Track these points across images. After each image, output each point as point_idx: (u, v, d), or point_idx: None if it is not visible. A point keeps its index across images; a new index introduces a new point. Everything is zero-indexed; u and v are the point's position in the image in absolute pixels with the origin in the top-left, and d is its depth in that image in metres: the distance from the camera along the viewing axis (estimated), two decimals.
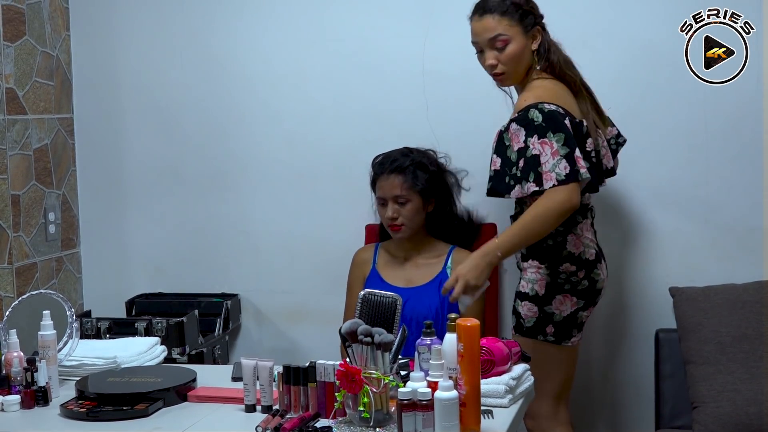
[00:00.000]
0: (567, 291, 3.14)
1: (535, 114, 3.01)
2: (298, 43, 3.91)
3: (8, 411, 2.69)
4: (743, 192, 3.62)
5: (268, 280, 4.03)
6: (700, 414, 3.33)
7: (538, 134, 2.99)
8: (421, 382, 2.34)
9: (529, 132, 3.00)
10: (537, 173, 2.97)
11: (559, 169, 2.96)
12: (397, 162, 3.41)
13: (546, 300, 3.14)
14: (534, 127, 3.00)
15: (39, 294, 3.03)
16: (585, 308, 3.18)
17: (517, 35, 3.09)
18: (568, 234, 3.13)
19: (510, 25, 3.09)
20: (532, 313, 3.15)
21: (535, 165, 2.98)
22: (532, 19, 3.11)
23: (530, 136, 3.00)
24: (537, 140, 2.98)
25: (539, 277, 3.14)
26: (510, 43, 3.09)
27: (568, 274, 3.13)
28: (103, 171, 4.15)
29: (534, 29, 3.11)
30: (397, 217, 3.38)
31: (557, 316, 3.14)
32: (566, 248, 3.13)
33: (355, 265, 3.57)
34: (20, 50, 3.75)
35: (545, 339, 3.16)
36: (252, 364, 2.62)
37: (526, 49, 3.11)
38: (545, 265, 3.13)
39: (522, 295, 3.18)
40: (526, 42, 3.11)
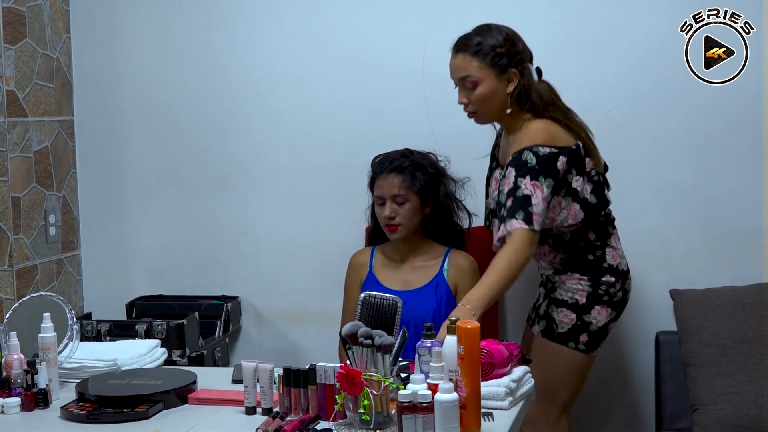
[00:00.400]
0: (605, 302, 3.16)
1: (529, 156, 2.98)
2: (299, 45, 3.91)
3: (8, 413, 2.69)
4: (743, 194, 3.62)
5: (269, 282, 4.03)
6: (700, 416, 3.33)
7: (531, 176, 2.96)
8: (422, 385, 2.34)
9: (520, 173, 2.98)
10: (528, 212, 2.93)
11: (544, 216, 2.97)
12: (396, 162, 3.41)
13: (586, 309, 3.15)
14: (527, 169, 2.97)
15: (39, 296, 3.03)
16: (615, 319, 3.21)
17: (487, 78, 3.03)
18: (605, 247, 3.16)
19: (480, 67, 3.04)
20: (568, 320, 3.16)
21: (525, 204, 2.94)
22: (507, 62, 3.03)
23: (522, 177, 2.97)
24: (529, 181, 2.96)
25: (581, 288, 3.15)
26: (479, 84, 3.05)
27: (608, 286, 3.15)
28: (104, 173, 4.15)
29: (509, 72, 3.04)
30: (395, 216, 3.38)
31: (593, 325, 3.16)
32: (606, 261, 3.16)
33: (352, 269, 3.57)
34: (21, 52, 3.75)
35: (576, 347, 3.16)
36: (252, 367, 2.62)
37: (497, 91, 3.05)
38: (587, 277, 3.14)
39: (559, 302, 3.17)
40: (497, 85, 3.04)
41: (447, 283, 3.41)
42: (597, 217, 3.14)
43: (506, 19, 3.71)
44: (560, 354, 3.17)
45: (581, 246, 3.16)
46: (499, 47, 3.03)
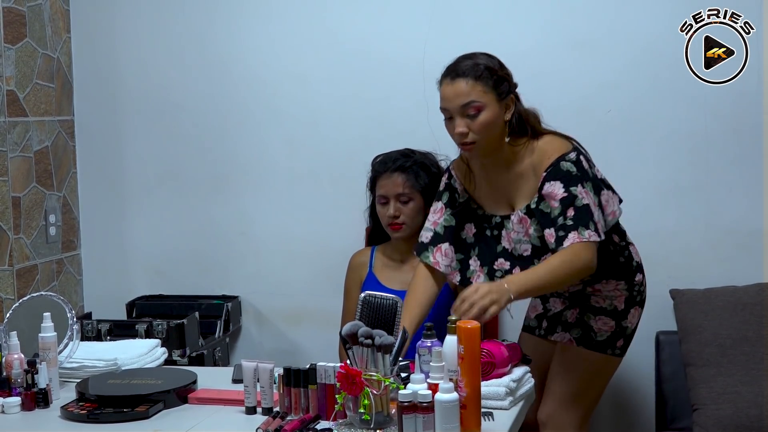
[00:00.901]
0: (638, 303, 3.14)
1: (568, 165, 2.83)
2: (299, 45, 3.92)
3: (9, 413, 2.69)
4: (743, 194, 3.62)
5: (269, 282, 4.03)
6: (700, 416, 3.33)
7: (581, 184, 2.81)
8: (422, 384, 2.34)
9: (570, 182, 2.80)
10: (594, 222, 2.78)
11: (601, 221, 2.85)
12: (400, 161, 3.41)
13: (624, 314, 3.11)
14: (573, 177, 2.81)
15: (39, 296, 3.03)
16: (640, 316, 3.18)
17: (491, 102, 2.84)
18: (629, 245, 3.13)
19: (484, 92, 2.83)
20: (608, 328, 3.10)
21: (589, 215, 2.78)
22: (507, 87, 2.88)
23: (573, 186, 2.80)
24: (582, 189, 2.80)
25: (618, 293, 3.10)
26: (483, 110, 2.83)
27: (639, 285, 3.12)
28: (104, 173, 4.15)
29: (508, 98, 2.88)
30: (399, 215, 3.38)
31: (629, 329, 3.13)
32: (634, 259, 3.12)
33: (352, 269, 3.57)
34: (21, 52, 3.75)
35: (613, 353, 3.13)
36: (252, 366, 2.62)
37: (498, 118, 2.86)
38: (624, 281, 3.09)
39: (597, 309, 3.10)
40: (499, 111, 2.86)
41: (447, 283, 3.41)
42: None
43: (506, 19, 3.74)
44: (597, 361, 3.11)
45: (611, 251, 3.03)
46: (499, 70, 2.88)
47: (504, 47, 3.69)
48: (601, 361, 3.12)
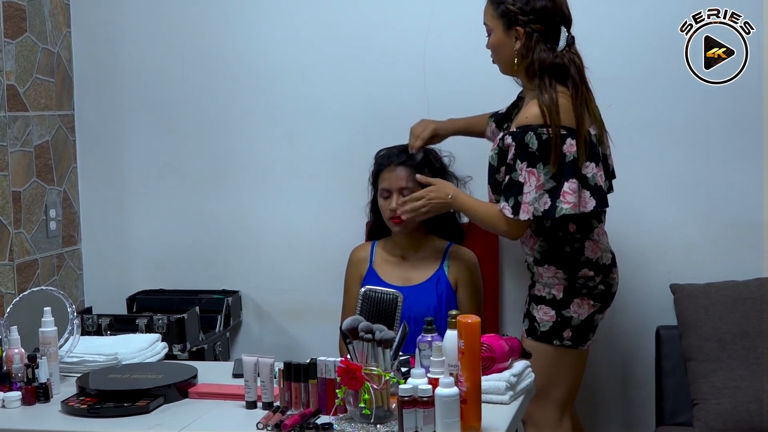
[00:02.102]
0: (584, 294, 3.10)
1: (532, 140, 2.98)
2: (299, 39, 3.91)
3: (9, 407, 2.69)
4: (744, 189, 3.62)
5: (269, 276, 4.04)
6: (700, 411, 3.33)
7: (529, 162, 2.98)
8: (422, 379, 2.34)
9: (520, 156, 3.00)
10: (517, 201, 3.00)
11: (538, 204, 2.98)
12: (404, 155, 3.41)
13: (564, 304, 3.10)
14: (527, 154, 2.99)
15: (40, 291, 3.03)
16: (601, 311, 3.15)
17: (496, 28, 3.08)
18: (585, 240, 3.09)
19: (493, 17, 3.09)
20: (548, 317, 3.11)
21: (517, 192, 3.01)
22: (514, 18, 3.03)
23: (521, 161, 3.00)
24: (526, 167, 2.99)
25: (556, 282, 3.11)
26: (491, 33, 3.11)
27: (586, 279, 3.09)
28: (104, 167, 4.15)
29: (515, 29, 3.04)
30: None
31: (575, 320, 3.10)
32: (584, 254, 3.09)
33: (352, 264, 3.57)
34: (21, 47, 3.75)
35: (561, 344, 3.11)
36: (253, 361, 2.62)
37: (505, 44, 3.08)
38: (563, 270, 3.10)
39: (538, 298, 3.14)
40: (505, 38, 3.07)
41: (447, 278, 3.41)
42: (606, 207, 3.09)
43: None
44: (547, 353, 3.09)
45: (559, 236, 3.08)
46: (511, 2, 3.04)
47: None
48: (551, 352, 3.10)
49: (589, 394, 3.78)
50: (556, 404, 3.16)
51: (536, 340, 3.12)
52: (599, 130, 3.11)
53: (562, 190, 2.97)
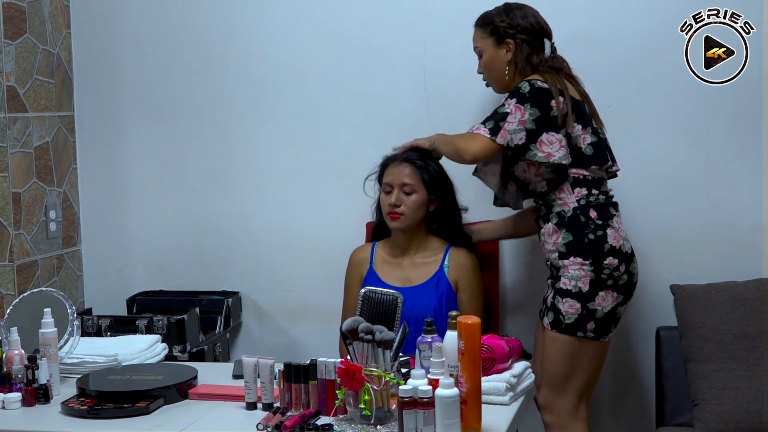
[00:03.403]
0: (609, 287, 3.18)
1: (525, 85, 3.19)
2: (299, 41, 3.91)
3: (9, 409, 2.69)
4: (744, 190, 3.62)
5: (269, 277, 4.03)
6: (701, 411, 3.33)
7: (518, 99, 3.16)
8: (422, 380, 2.35)
9: (511, 95, 3.20)
10: (498, 126, 3.15)
11: (515, 136, 3.15)
12: (411, 154, 3.42)
13: (589, 296, 3.17)
14: (518, 93, 3.18)
15: (40, 292, 3.04)
16: (623, 303, 3.24)
17: (487, 47, 3.33)
18: (607, 228, 3.20)
19: (482, 38, 3.34)
20: (574, 310, 3.18)
21: (500, 119, 3.16)
22: (503, 32, 3.29)
23: (510, 98, 3.19)
24: (514, 103, 3.16)
25: (583, 274, 3.17)
26: (483, 53, 3.35)
27: (611, 269, 3.17)
28: (104, 169, 4.15)
29: (505, 42, 3.29)
30: (400, 205, 3.38)
31: (599, 312, 3.18)
32: (608, 242, 3.18)
33: (352, 265, 3.56)
34: (21, 48, 3.75)
35: (585, 335, 3.19)
36: (253, 362, 2.62)
37: (497, 59, 3.32)
38: (589, 261, 3.17)
39: (563, 292, 3.19)
40: (496, 53, 3.31)
41: (448, 279, 3.41)
42: (585, 168, 3.21)
43: None
44: (571, 344, 3.19)
45: (582, 222, 3.19)
46: (498, 20, 3.29)
47: None
48: (574, 344, 3.19)
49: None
50: (575, 393, 3.25)
51: (561, 332, 3.20)
52: (592, 109, 3.32)
53: (540, 139, 3.15)
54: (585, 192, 3.22)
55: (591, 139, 3.22)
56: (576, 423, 3.27)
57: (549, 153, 3.14)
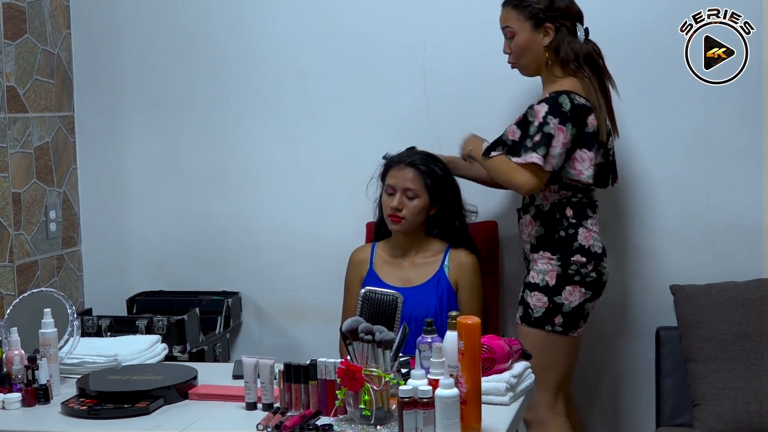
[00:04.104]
0: (576, 282, 3.22)
1: (565, 101, 3.15)
2: (299, 41, 3.91)
3: (9, 409, 2.69)
4: (744, 190, 3.62)
5: (269, 278, 4.03)
6: (700, 411, 3.33)
7: (561, 119, 3.12)
8: (422, 380, 2.35)
9: (552, 112, 3.13)
10: (547, 152, 3.11)
11: (560, 159, 3.14)
12: (415, 157, 3.42)
13: (556, 290, 3.22)
14: (559, 111, 3.13)
15: (40, 292, 3.04)
16: (591, 300, 3.27)
17: (523, 29, 3.24)
18: (579, 227, 3.24)
19: (518, 20, 3.24)
20: (541, 304, 3.23)
21: (547, 142, 3.12)
22: (544, 17, 3.22)
23: (553, 116, 3.13)
24: (557, 123, 3.12)
25: (550, 268, 3.23)
26: (516, 35, 3.25)
27: (579, 266, 3.21)
28: (104, 169, 4.15)
29: (545, 26, 3.22)
30: (402, 209, 3.38)
31: (566, 306, 3.22)
32: (577, 240, 3.23)
33: (352, 265, 3.56)
34: (21, 48, 3.75)
35: (553, 329, 3.24)
36: (253, 362, 2.62)
37: (533, 43, 3.24)
38: (557, 257, 3.22)
39: (531, 285, 3.26)
40: (533, 36, 3.24)
41: (448, 279, 3.41)
42: (591, 188, 3.25)
43: None
44: (539, 338, 3.23)
45: (556, 219, 3.25)
46: (537, 2, 3.22)
47: None
48: (543, 338, 3.23)
49: (589, 394, 3.78)
50: (551, 388, 3.27)
51: (529, 326, 3.25)
52: (611, 117, 3.32)
53: (573, 155, 3.16)
54: (569, 194, 3.26)
55: (599, 160, 3.25)
56: (555, 417, 3.30)
57: (580, 170, 3.18)
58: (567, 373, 3.36)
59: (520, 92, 3.49)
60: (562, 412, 3.33)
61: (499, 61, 3.39)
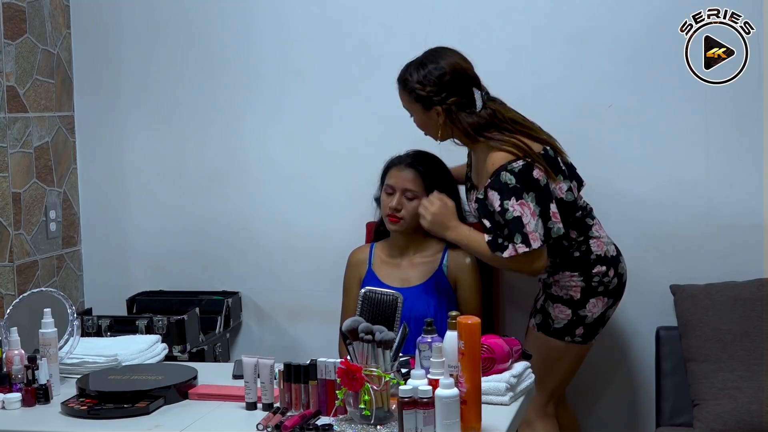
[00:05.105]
0: (600, 293, 3.23)
1: (507, 177, 3.07)
2: (299, 41, 3.91)
3: (9, 409, 2.69)
4: (744, 190, 3.62)
5: (269, 277, 4.03)
6: (700, 411, 3.33)
7: (515, 196, 3.06)
8: (422, 380, 2.34)
9: (504, 195, 3.07)
10: (523, 234, 3.05)
11: (539, 229, 3.06)
12: (415, 158, 3.41)
13: (581, 304, 3.22)
14: (509, 190, 3.06)
15: (40, 292, 3.03)
16: (613, 305, 3.29)
17: (415, 111, 3.21)
18: (588, 240, 3.23)
19: (409, 101, 3.21)
20: (564, 316, 3.23)
21: (519, 226, 3.05)
22: (429, 100, 3.15)
23: (507, 199, 3.07)
24: (515, 202, 3.06)
25: (574, 284, 3.23)
26: (413, 114, 3.24)
27: (601, 276, 3.22)
28: (104, 169, 4.15)
29: (432, 109, 3.16)
30: (401, 209, 3.38)
31: (589, 318, 3.23)
32: (593, 252, 3.22)
33: (351, 266, 3.56)
34: (21, 48, 3.75)
35: (572, 340, 3.25)
36: (253, 362, 2.62)
37: (429, 121, 3.19)
38: (578, 272, 3.21)
39: (555, 297, 3.25)
40: (427, 116, 3.19)
41: (447, 279, 3.41)
42: (575, 214, 3.21)
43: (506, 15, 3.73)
44: (556, 347, 3.24)
45: (565, 246, 3.22)
46: (420, 87, 3.15)
47: (504, 43, 3.72)
48: (560, 347, 3.25)
49: (589, 394, 3.78)
50: (546, 392, 3.28)
51: (548, 335, 3.25)
52: (550, 141, 3.22)
53: (551, 212, 3.10)
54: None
55: (564, 184, 3.18)
56: (544, 419, 3.31)
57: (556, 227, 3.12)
58: (570, 378, 3.38)
59: (521, 93, 3.49)
60: (552, 414, 3.34)
61: (499, 62, 3.39)
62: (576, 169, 3.32)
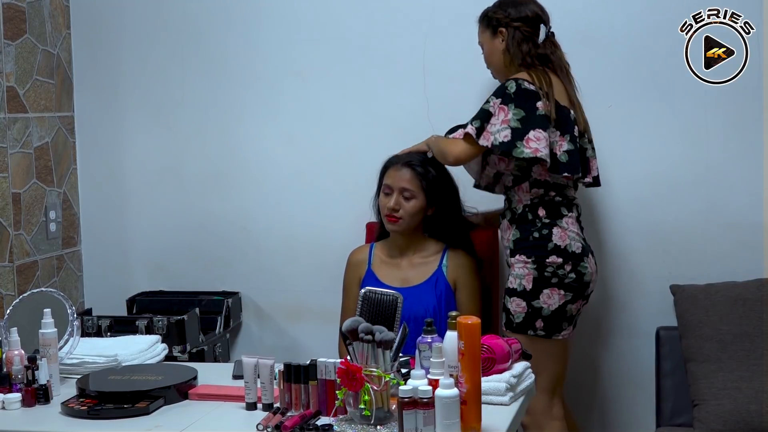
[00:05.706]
0: (554, 285, 3.21)
1: (511, 84, 3.20)
2: (298, 41, 3.91)
3: (9, 409, 2.69)
4: (744, 189, 3.62)
5: (269, 278, 4.03)
6: (700, 412, 3.33)
7: (503, 99, 3.19)
8: (422, 380, 2.34)
9: (496, 93, 3.22)
10: (481, 126, 3.18)
11: (499, 135, 3.16)
12: (413, 158, 3.42)
13: (533, 294, 3.21)
14: (503, 93, 3.20)
15: (40, 292, 3.03)
16: (573, 301, 3.24)
17: (486, 41, 3.37)
18: (553, 227, 3.23)
19: (483, 32, 3.39)
20: (520, 309, 3.23)
21: (484, 118, 3.19)
22: (497, 23, 3.32)
23: (495, 97, 3.21)
24: (498, 103, 3.19)
25: (526, 272, 3.22)
26: (483, 47, 3.40)
27: (555, 267, 3.20)
28: (104, 169, 4.15)
29: (498, 32, 3.33)
30: (399, 209, 3.38)
31: (545, 310, 3.21)
32: (552, 240, 3.21)
33: (351, 266, 3.56)
34: (21, 48, 3.75)
35: (535, 333, 3.23)
36: (253, 362, 2.62)
37: (494, 49, 3.35)
38: (532, 259, 3.21)
39: (510, 291, 3.26)
40: (493, 43, 3.35)
41: (446, 279, 3.41)
42: (552, 173, 3.21)
43: None
44: (525, 344, 3.11)
45: (529, 220, 3.25)
46: (493, 10, 3.36)
47: None
48: (527, 342, 3.15)
49: (589, 394, 3.78)
50: (544, 392, 3.26)
51: (513, 332, 3.24)
52: (580, 117, 3.30)
53: (527, 136, 3.15)
54: (541, 192, 3.26)
55: (567, 146, 3.21)
56: (552, 422, 3.30)
57: (536, 148, 3.14)
58: (559, 375, 3.34)
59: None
60: (560, 416, 3.32)
61: None
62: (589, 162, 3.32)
